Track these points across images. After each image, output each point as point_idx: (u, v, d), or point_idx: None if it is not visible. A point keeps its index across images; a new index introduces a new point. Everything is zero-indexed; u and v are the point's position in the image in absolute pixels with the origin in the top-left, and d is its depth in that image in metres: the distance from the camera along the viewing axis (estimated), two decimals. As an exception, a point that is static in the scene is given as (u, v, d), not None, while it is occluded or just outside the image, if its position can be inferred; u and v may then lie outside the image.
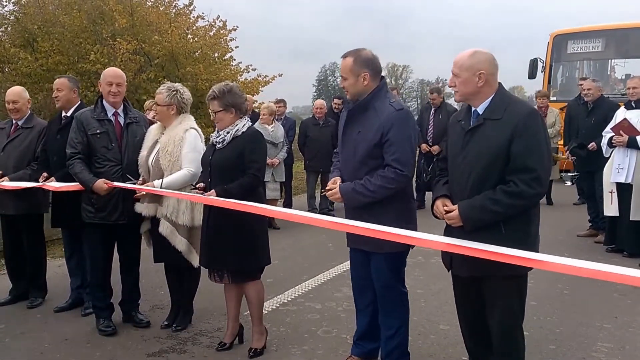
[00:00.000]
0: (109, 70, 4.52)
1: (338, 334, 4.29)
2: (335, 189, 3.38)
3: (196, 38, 16.47)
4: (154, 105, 4.30)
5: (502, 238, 2.78)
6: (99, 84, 4.45)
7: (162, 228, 4.13)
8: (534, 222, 2.93)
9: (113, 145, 4.25)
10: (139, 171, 4.27)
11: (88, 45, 15.03)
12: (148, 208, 4.18)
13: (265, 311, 4.28)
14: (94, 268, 4.41)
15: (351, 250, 3.64)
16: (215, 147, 3.87)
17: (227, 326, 4.09)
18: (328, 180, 3.70)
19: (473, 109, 2.96)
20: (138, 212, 4.22)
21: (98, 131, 4.23)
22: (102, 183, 4.13)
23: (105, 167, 4.22)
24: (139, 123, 4.44)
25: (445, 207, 2.96)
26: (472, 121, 2.93)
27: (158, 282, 5.15)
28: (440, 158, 3.29)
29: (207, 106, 3.97)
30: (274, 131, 8.15)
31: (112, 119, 4.32)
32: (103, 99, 4.33)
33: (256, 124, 7.06)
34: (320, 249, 6.79)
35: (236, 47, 17.06)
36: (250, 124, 3.94)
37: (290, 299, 5.10)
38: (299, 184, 11.72)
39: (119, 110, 4.36)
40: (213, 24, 16.72)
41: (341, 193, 3.35)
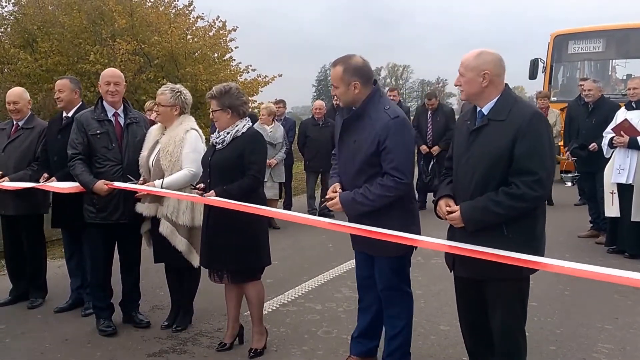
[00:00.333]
0: (107, 70, 4.54)
1: (338, 335, 4.29)
2: (335, 200, 3.38)
3: (196, 38, 16.48)
4: (157, 106, 4.28)
5: (504, 240, 2.78)
6: (99, 85, 4.48)
7: (163, 228, 4.13)
8: (538, 225, 2.89)
9: (113, 145, 4.26)
10: (140, 171, 4.27)
11: (88, 45, 15.04)
12: (149, 208, 4.18)
13: (265, 312, 4.27)
14: (95, 268, 4.41)
15: (355, 251, 3.65)
16: (215, 148, 3.87)
17: (227, 326, 4.09)
18: (328, 180, 3.70)
19: (478, 109, 2.96)
20: (139, 212, 4.22)
21: (98, 131, 4.24)
22: (102, 184, 4.13)
23: (105, 167, 4.22)
24: (139, 123, 4.44)
25: (447, 208, 2.96)
26: (477, 121, 2.94)
27: (158, 283, 5.14)
28: (446, 157, 3.29)
29: (209, 107, 3.98)
30: (273, 132, 8.13)
31: (112, 120, 4.32)
32: (103, 100, 4.34)
33: (255, 125, 7.04)
34: (320, 250, 6.79)
35: (236, 48, 17.09)
36: (250, 125, 3.93)
37: (290, 300, 5.10)
38: (299, 185, 11.71)
39: (119, 110, 4.37)
40: (213, 25, 16.74)
41: (341, 203, 3.35)
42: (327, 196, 3.50)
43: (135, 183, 4.16)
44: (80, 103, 4.81)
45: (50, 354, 4.04)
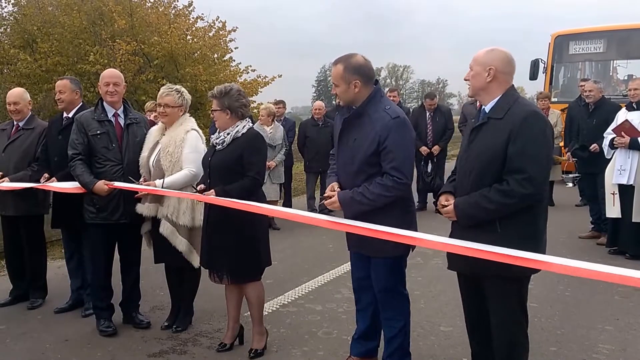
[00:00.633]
0: (107, 71, 4.54)
1: (338, 335, 4.29)
2: (334, 198, 3.36)
3: (195, 39, 16.45)
4: (162, 107, 4.24)
5: (497, 236, 2.80)
6: (98, 86, 4.49)
7: (163, 228, 4.12)
8: (535, 225, 2.88)
9: (113, 145, 4.26)
10: (140, 172, 4.27)
11: (87, 46, 15.03)
12: (149, 208, 4.18)
13: (265, 312, 4.27)
14: (95, 269, 4.41)
15: (351, 252, 3.63)
16: (215, 148, 3.87)
17: (228, 327, 4.09)
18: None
19: (482, 107, 3.00)
20: (139, 213, 4.22)
21: (98, 132, 4.24)
22: (103, 184, 4.13)
23: (105, 167, 4.22)
24: (139, 124, 4.45)
25: (444, 202, 3.01)
26: (479, 120, 2.98)
27: (158, 283, 5.13)
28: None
29: (208, 107, 3.98)
30: (273, 133, 8.09)
31: (112, 120, 4.33)
32: (103, 101, 4.35)
33: (255, 125, 7.02)
34: (320, 250, 6.78)
35: (236, 48, 17.07)
36: (251, 126, 3.93)
37: (290, 300, 5.09)
38: (299, 185, 11.71)
39: (119, 111, 4.37)
40: (212, 25, 16.72)
41: (340, 201, 3.32)
42: (326, 194, 3.47)
43: (135, 183, 4.15)
44: (80, 103, 4.81)
45: (50, 355, 4.03)
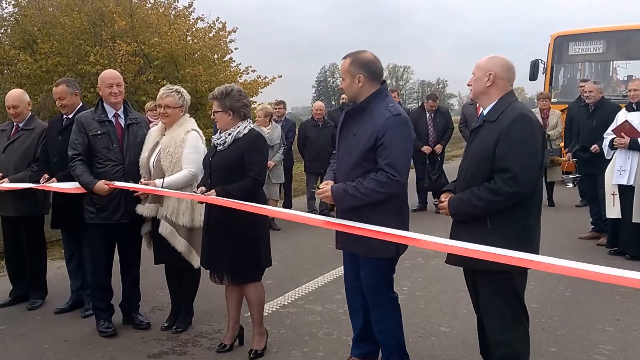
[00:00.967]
0: (107, 72, 4.51)
1: (339, 336, 4.28)
2: (326, 189, 3.34)
3: (196, 40, 16.44)
4: (163, 108, 4.23)
5: (488, 232, 2.94)
6: (98, 87, 4.47)
7: (162, 229, 4.12)
8: (524, 222, 2.97)
9: (114, 145, 4.26)
10: (140, 172, 4.26)
11: (88, 46, 15.02)
12: (149, 209, 4.18)
13: (265, 313, 4.26)
14: (95, 269, 4.40)
15: (343, 252, 3.60)
16: (216, 149, 3.87)
17: (228, 328, 4.08)
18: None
19: (482, 111, 3.18)
20: (139, 213, 4.22)
21: (99, 132, 4.25)
22: (103, 184, 4.13)
23: (106, 167, 4.23)
24: (140, 124, 4.45)
25: (442, 198, 3.20)
26: (478, 122, 3.15)
27: (158, 284, 5.13)
28: None
29: (209, 107, 3.98)
30: (270, 133, 8.07)
31: (113, 120, 4.33)
32: (103, 102, 4.34)
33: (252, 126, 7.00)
34: (320, 251, 6.77)
35: (236, 49, 17.07)
36: (252, 127, 3.92)
37: (290, 301, 5.09)
38: (299, 186, 11.70)
39: (119, 111, 4.37)
40: (212, 26, 16.72)
41: (332, 194, 3.30)
42: (320, 186, 3.45)
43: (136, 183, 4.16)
44: (80, 104, 4.81)
45: (50, 355, 4.03)
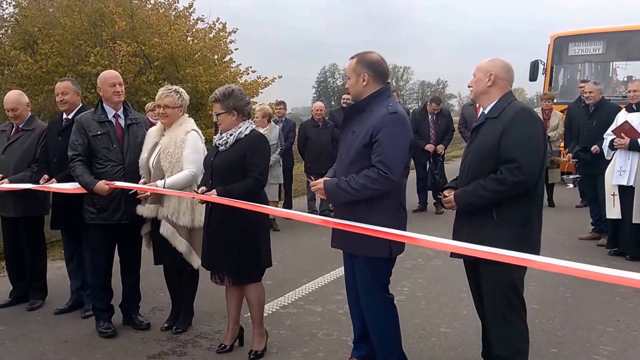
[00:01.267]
0: (108, 72, 4.51)
1: (339, 337, 4.28)
2: (319, 182, 3.36)
3: (196, 40, 16.46)
4: (162, 108, 4.22)
5: (494, 223, 3.07)
6: (99, 88, 4.46)
7: (163, 229, 4.12)
8: (528, 215, 3.10)
9: (114, 145, 4.26)
10: (140, 172, 4.26)
11: (88, 47, 15.04)
12: (150, 209, 4.17)
13: (265, 313, 4.26)
14: (95, 270, 4.40)
15: (343, 251, 3.59)
16: (218, 149, 3.86)
17: (228, 328, 4.08)
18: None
19: (482, 111, 3.29)
20: (139, 214, 4.21)
21: (99, 132, 4.25)
22: (103, 184, 4.13)
23: (106, 168, 4.23)
24: (140, 124, 4.45)
25: (446, 193, 3.30)
26: (479, 121, 3.27)
27: (158, 284, 5.12)
28: None
29: (209, 107, 3.97)
30: (267, 134, 8.04)
31: (113, 121, 4.32)
32: (103, 102, 4.34)
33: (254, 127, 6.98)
34: (320, 251, 6.76)
35: (236, 50, 17.08)
36: (253, 127, 3.92)
37: (290, 302, 5.09)
38: (299, 186, 11.70)
39: (119, 112, 4.37)
40: (213, 26, 16.74)
41: (324, 188, 3.32)
42: (315, 181, 3.45)
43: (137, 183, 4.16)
44: (80, 104, 4.81)
45: (50, 356, 4.03)
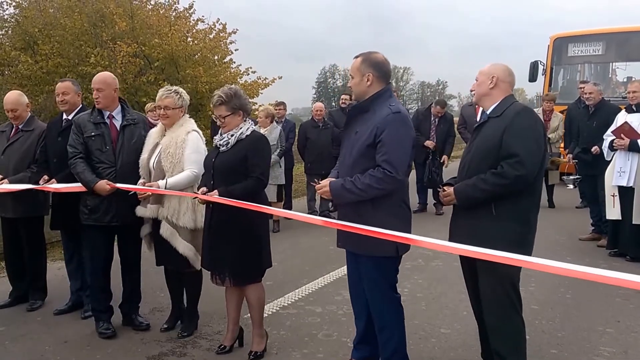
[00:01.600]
0: (96, 75, 4.50)
1: (338, 338, 4.28)
2: (325, 184, 3.37)
3: (196, 41, 16.47)
4: (162, 109, 4.21)
5: (493, 218, 3.14)
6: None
7: (163, 230, 4.11)
8: (527, 212, 3.18)
9: (107, 147, 4.25)
10: (140, 173, 4.25)
11: (88, 48, 15.05)
12: (150, 210, 4.16)
13: (265, 314, 4.25)
14: (94, 270, 4.40)
15: (346, 251, 3.59)
16: (219, 150, 3.86)
17: (227, 329, 4.08)
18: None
19: (483, 111, 3.38)
20: (139, 216, 4.21)
21: (93, 134, 4.26)
22: (105, 184, 4.13)
23: (98, 169, 4.23)
24: (137, 124, 4.41)
25: (445, 188, 3.37)
26: (481, 120, 3.38)
27: (158, 285, 5.12)
28: None
29: (211, 110, 3.95)
30: (267, 134, 8.03)
31: (108, 122, 4.32)
32: None
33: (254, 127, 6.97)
34: (320, 252, 6.77)
35: (236, 50, 17.09)
36: (254, 128, 3.92)
37: (290, 302, 5.08)
38: (299, 187, 11.70)
39: (114, 113, 4.36)
40: (213, 27, 16.75)
41: (330, 189, 3.32)
42: (320, 182, 3.45)
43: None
44: (80, 105, 4.81)
45: (49, 356, 4.03)
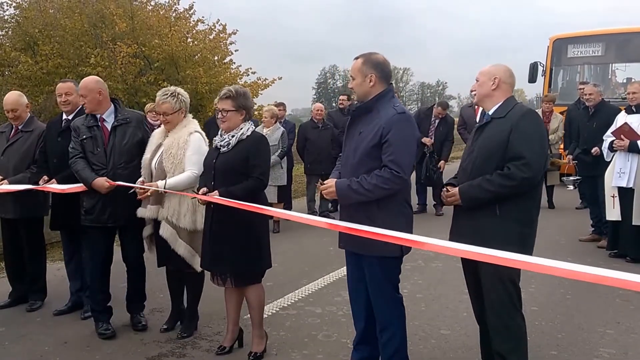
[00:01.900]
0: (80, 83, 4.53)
1: (338, 339, 4.28)
2: (330, 184, 3.35)
3: (196, 41, 16.50)
4: (162, 115, 4.20)
5: (497, 219, 3.16)
6: None
7: (163, 231, 4.10)
8: (530, 209, 3.21)
9: (98, 150, 4.26)
10: (141, 173, 4.25)
11: (88, 48, 15.07)
12: (151, 210, 4.16)
13: (265, 315, 4.25)
14: (93, 271, 4.40)
15: (346, 252, 3.59)
16: (219, 151, 3.86)
17: (227, 330, 4.07)
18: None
19: (485, 112, 3.37)
20: (140, 216, 4.21)
21: (85, 137, 4.28)
22: (104, 181, 4.14)
23: (93, 172, 4.23)
24: (130, 123, 4.37)
25: (448, 187, 3.37)
26: (483, 121, 3.36)
27: (159, 285, 5.11)
28: None
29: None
30: (269, 135, 8.03)
31: (100, 124, 4.33)
32: None
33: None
34: (320, 253, 6.77)
35: (236, 51, 17.11)
36: (254, 128, 3.93)
37: (290, 303, 5.08)
38: (299, 187, 11.70)
39: (105, 115, 4.35)
40: (213, 28, 16.77)
41: (336, 189, 3.30)
42: (325, 182, 3.43)
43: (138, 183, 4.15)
44: (80, 106, 4.80)
45: (49, 357, 4.02)
